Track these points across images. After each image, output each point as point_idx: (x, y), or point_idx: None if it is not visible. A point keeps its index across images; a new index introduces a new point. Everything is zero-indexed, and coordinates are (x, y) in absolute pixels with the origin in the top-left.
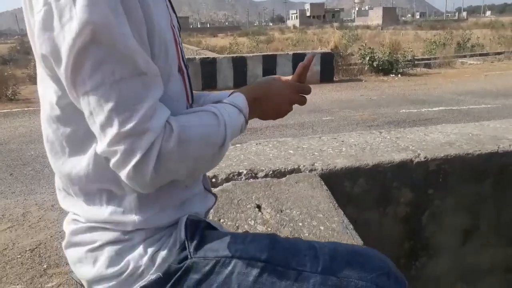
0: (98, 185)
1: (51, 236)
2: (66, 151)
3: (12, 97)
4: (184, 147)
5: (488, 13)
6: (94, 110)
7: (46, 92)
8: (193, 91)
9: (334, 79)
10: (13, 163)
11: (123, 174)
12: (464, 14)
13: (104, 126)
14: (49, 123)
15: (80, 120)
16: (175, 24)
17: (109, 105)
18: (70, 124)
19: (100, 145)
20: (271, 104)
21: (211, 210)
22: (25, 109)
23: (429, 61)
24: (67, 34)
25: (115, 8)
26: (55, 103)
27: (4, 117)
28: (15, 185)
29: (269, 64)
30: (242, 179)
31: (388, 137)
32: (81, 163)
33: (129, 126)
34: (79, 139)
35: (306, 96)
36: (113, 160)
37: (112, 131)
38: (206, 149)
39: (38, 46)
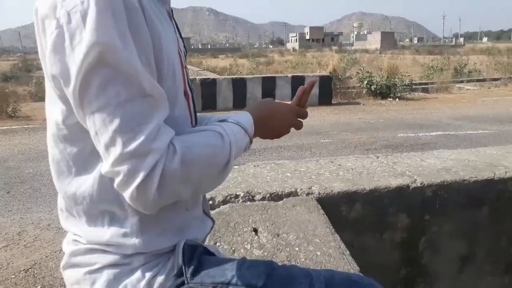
0: (102, 207)
1: (46, 256)
2: (72, 171)
3: (13, 114)
4: (187, 167)
5: (485, 39)
6: (99, 130)
7: (54, 111)
8: (196, 113)
9: (333, 101)
10: (11, 181)
11: (127, 194)
12: (461, 40)
13: (108, 146)
14: (56, 142)
15: (86, 140)
16: (181, 49)
17: (114, 125)
18: (76, 144)
19: (105, 165)
20: (273, 124)
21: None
22: (25, 126)
23: (426, 86)
24: (76, 55)
25: (123, 31)
26: (62, 123)
27: (3, 134)
28: (12, 203)
29: (269, 86)
30: (239, 202)
31: (385, 161)
32: (86, 183)
33: (132, 146)
34: (85, 159)
35: (303, 120)
36: (116, 181)
37: (116, 151)
38: (210, 169)
39: (49, 67)
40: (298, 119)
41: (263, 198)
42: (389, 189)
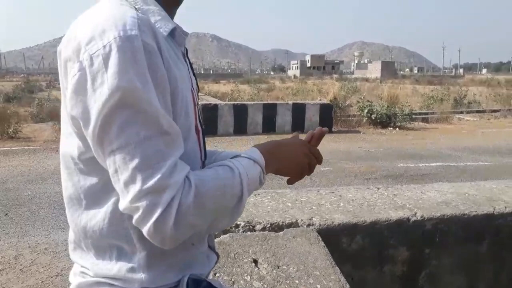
0: (111, 241)
1: (42, 282)
2: (83, 204)
3: (13, 135)
4: (201, 200)
5: (484, 70)
6: (119, 168)
7: (69, 146)
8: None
9: (333, 129)
10: (9, 203)
11: (145, 230)
12: (461, 70)
13: (127, 183)
14: (70, 176)
15: (100, 175)
16: (194, 87)
17: (133, 163)
18: (89, 178)
19: (123, 202)
20: (284, 153)
21: None
22: (25, 147)
23: (426, 116)
24: (98, 97)
25: (143, 74)
26: (77, 157)
27: (3, 155)
28: (9, 226)
29: (270, 112)
30: (240, 231)
31: (386, 193)
32: (96, 217)
33: (150, 183)
34: (97, 193)
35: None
36: (135, 217)
37: (135, 188)
38: (223, 201)
39: (70, 108)
40: (311, 153)
41: (263, 228)
42: (390, 222)
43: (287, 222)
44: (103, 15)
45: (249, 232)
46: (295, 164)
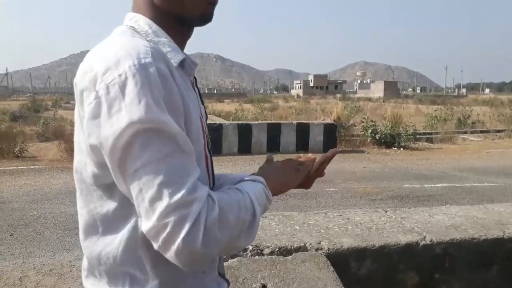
0: (124, 268)
1: None
2: (100, 230)
3: (19, 154)
4: (225, 214)
5: (487, 90)
6: (144, 186)
7: (85, 173)
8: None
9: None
10: (15, 223)
11: (173, 249)
12: (464, 90)
13: (153, 201)
14: (86, 203)
15: (116, 201)
16: (203, 115)
17: (159, 179)
18: (106, 205)
19: (148, 223)
20: (275, 170)
21: None
22: (31, 167)
23: (430, 136)
24: (115, 123)
25: (159, 99)
26: (94, 184)
27: (9, 174)
28: (14, 247)
29: (274, 132)
30: (248, 255)
31: (394, 216)
32: (112, 244)
33: (177, 197)
34: (113, 220)
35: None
36: (162, 236)
37: (162, 204)
38: (241, 215)
39: (87, 135)
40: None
41: (271, 252)
42: (399, 246)
43: (295, 246)
44: (117, 46)
45: (257, 256)
46: (288, 177)
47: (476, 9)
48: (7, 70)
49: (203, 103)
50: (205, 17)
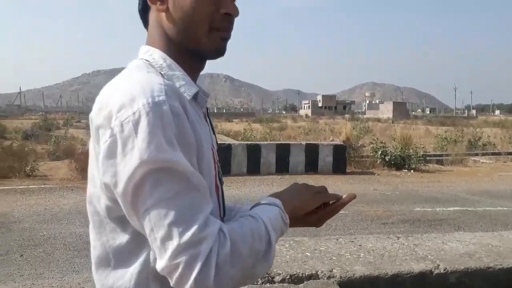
0: None
1: None
2: (112, 264)
3: (30, 173)
4: (237, 248)
5: (497, 112)
6: (155, 225)
7: (98, 206)
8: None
9: (347, 170)
10: (25, 243)
11: None
12: (474, 111)
13: (164, 240)
14: (99, 235)
15: (128, 234)
16: (214, 145)
17: (169, 218)
18: (118, 238)
19: (161, 262)
20: (292, 190)
21: None
22: (42, 186)
23: (441, 158)
24: (128, 162)
25: (171, 137)
26: (107, 216)
27: (20, 193)
28: (24, 268)
29: (283, 152)
30: (259, 283)
31: (406, 243)
32: (124, 278)
33: (187, 236)
34: (125, 253)
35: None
36: (175, 276)
37: (173, 244)
38: (255, 245)
39: (102, 173)
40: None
41: (283, 280)
42: (412, 275)
43: (307, 273)
44: (132, 83)
45: (268, 284)
46: (305, 201)
47: (485, 30)
48: (20, 89)
49: (214, 133)
50: (219, 52)
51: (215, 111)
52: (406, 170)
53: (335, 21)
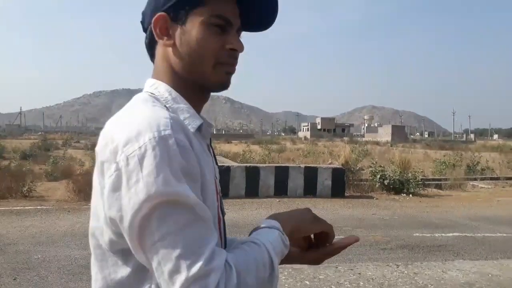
0: None
1: None
2: None
3: (27, 194)
4: (243, 279)
5: (495, 136)
6: (163, 259)
7: (101, 239)
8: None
9: (346, 194)
10: (18, 266)
11: None
12: (472, 136)
13: (172, 274)
14: (101, 268)
15: (130, 267)
16: (217, 175)
17: (176, 252)
18: (120, 271)
19: None
20: (293, 212)
21: None
22: (38, 207)
23: (439, 182)
24: (133, 195)
25: (177, 170)
26: (109, 249)
27: (16, 214)
28: None
29: (282, 175)
30: None
31: (406, 271)
32: None
33: (195, 269)
34: (126, 286)
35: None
36: None
37: (181, 277)
38: (260, 273)
39: (107, 207)
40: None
41: None
42: None
43: None
44: (139, 118)
45: None
46: (308, 218)
47: (484, 55)
48: (21, 109)
49: (217, 163)
50: (223, 86)
51: (215, 132)
52: (405, 194)
53: (335, 46)
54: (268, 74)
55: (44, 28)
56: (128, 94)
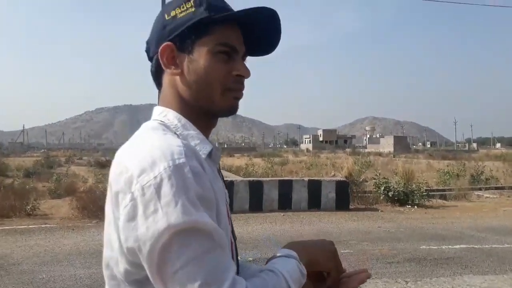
0: None
1: None
2: None
3: (31, 212)
4: None
5: (498, 145)
6: (185, 287)
7: (116, 269)
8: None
9: (350, 207)
10: (24, 287)
11: None
12: (474, 145)
13: None
14: None
15: None
16: (227, 199)
17: (199, 280)
18: None
19: None
20: (311, 244)
21: None
22: (42, 226)
23: (444, 192)
24: (151, 225)
25: (193, 198)
26: (125, 279)
27: (20, 233)
28: None
29: (285, 189)
30: None
31: None
32: None
33: None
34: None
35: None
36: None
37: None
38: None
39: (124, 238)
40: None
41: None
42: None
43: None
44: (151, 147)
45: None
46: (326, 251)
47: (485, 64)
48: (23, 127)
49: (226, 187)
50: (232, 111)
51: (217, 146)
52: (409, 206)
53: (335, 58)
54: (269, 87)
55: (45, 46)
56: (129, 110)
